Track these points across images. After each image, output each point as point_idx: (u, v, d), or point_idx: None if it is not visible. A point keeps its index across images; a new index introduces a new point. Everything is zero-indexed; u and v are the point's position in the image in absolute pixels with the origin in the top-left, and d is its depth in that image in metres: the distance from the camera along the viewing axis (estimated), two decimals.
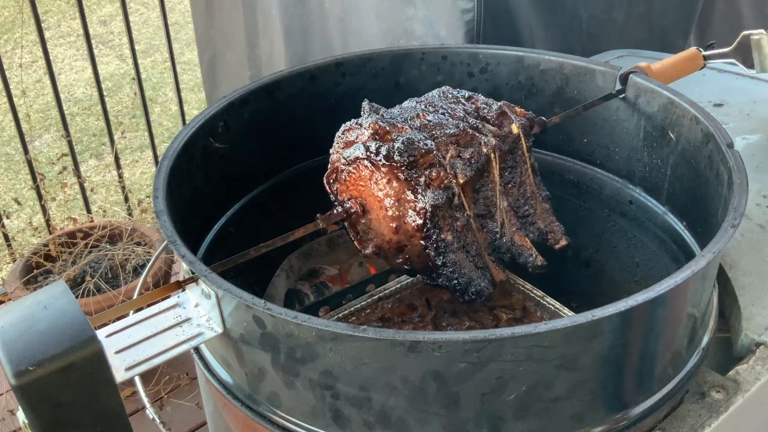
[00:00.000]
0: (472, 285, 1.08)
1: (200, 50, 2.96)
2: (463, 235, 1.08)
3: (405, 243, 1.05)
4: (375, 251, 1.08)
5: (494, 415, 0.86)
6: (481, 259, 1.11)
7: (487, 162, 1.11)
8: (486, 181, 1.12)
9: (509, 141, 1.13)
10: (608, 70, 1.30)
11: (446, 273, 1.06)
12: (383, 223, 1.06)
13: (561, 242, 1.19)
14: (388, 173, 1.03)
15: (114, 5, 5.87)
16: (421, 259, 1.06)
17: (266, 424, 0.95)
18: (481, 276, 1.10)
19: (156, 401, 2.22)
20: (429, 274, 1.07)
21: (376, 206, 1.06)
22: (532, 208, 1.17)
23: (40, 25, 2.59)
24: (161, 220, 0.97)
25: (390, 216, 1.04)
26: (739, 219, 0.93)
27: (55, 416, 0.79)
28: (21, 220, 3.59)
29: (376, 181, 1.04)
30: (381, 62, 1.40)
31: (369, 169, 1.04)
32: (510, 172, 1.15)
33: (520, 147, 1.14)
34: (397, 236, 1.05)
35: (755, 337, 1.14)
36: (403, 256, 1.07)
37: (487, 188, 1.12)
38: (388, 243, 1.06)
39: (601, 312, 0.81)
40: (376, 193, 1.05)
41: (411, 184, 1.02)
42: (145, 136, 3.79)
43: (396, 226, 1.04)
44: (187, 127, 1.18)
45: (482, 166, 1.10)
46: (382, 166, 1.03)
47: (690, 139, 1.17)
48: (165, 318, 0.91)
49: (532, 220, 1.18)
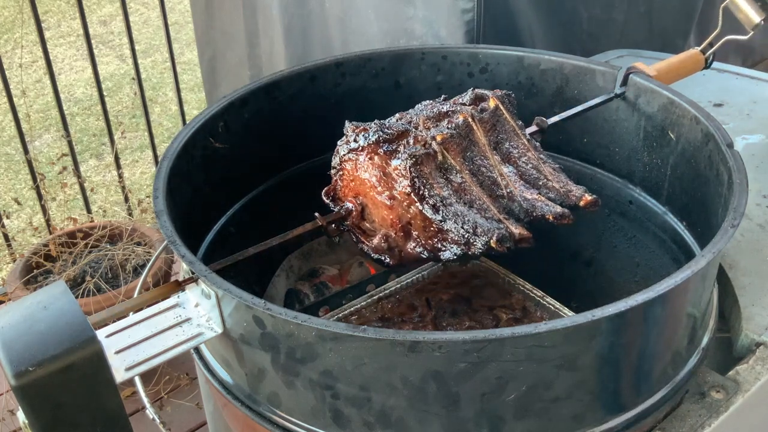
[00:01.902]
0: (483, 231, 1.03)
1: (200, 50, 2.96)
2: (462, 193, 1.07)
3: (405, 217, 1.04)
4: (384, 244, 1.07)
5: (494, 415, 0.86)
6: (490, 213, 1.08)
7: (468, 128, 1.10)
8: (474, 147, 1.11)
9: (488, 111, 1.13)
10: (608, 70, 1.30)
11: (452, 228, 1.02)
12: (379, 205, 1.05)
13: (585, 198, 1.13)
14: (368, 153, 1.05)
15: (114, 5, 5.86)
16: (427, 230, 1.04)
17: (266, 424, 0.95)
18: (498, 226, 1.06)
19: (156, 401, 2.21)
20: (441, 244, 1.04)
21: (369, 193, 1.06)
22: (541, 173, 1.14)
23: (40, 25, 2.59)
24: (161, 220, 0.97)
25: (381, 192, 1.05)
26: (739, 219, 0.93)
27: (55, 416, 0.79)
28: (21, 220, 3.58)
29: (361, 166, 1.06)
30: (381, 62, 1.40)
31: (353, 161, 1.07)
32: (505, 143, 1.14)
33: (504, 118, 1.14)
34: (395, 212, 1.04)
35: (755, 337, 1.14)
36: (412, 238, 1.05)
37: (477, 154, 1.11)
38: (392, 226, 1.05)
39: (601, 312, 0.81)
40: (363, 176, 1.06)
41: (390, 153, 1.04)
42: (145, 136, 3.79)
43: (390, 201, 1.04)
44: (187, 127, 1.18)
45: (464, 132, 1.09)
46: (361, 150, 1.05)
47: (690, 139, 1.17)
48: (165, 318, 0.91)
49: (544, 183, 1.14)
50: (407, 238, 1.06)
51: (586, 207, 1.13)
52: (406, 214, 1.04)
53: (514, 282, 1.29)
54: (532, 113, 1.18)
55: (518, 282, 1.28)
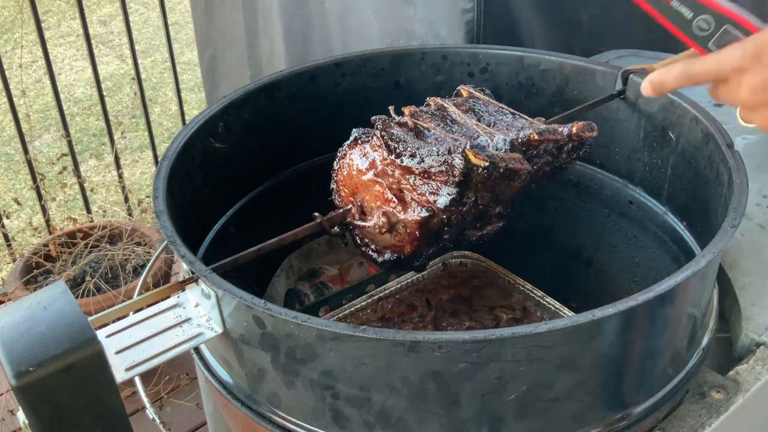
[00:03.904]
0: (456, 146, 1.01)
1: (200, 50, 2.95)
2: (437, 142, 1.07)
3: (394, 183, 1.05)
4: (384, 218, 1.06)
5: (494, 415, 0.86)
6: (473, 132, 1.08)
7: (438, 107, 1.13)
8: (447, 115, 1.12)
9: (463, 98, 1.16)
10: (608, 70, 1.30)
11: (433, 163, 1.01)
12: (369, 185, 1.07)
13: (576, 124, 1.10)
14: (351, 148, 1.09)
15: (114, 5, 5.86)
16: (415, 184, 1.03)
17: (266, 424, 0.95)
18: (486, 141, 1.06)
19: (156, 401, 2.22)
20: (433, 190, 1.03)
21: (359, 181, 1.08)
22: (524, 121, 1.13)
23: (40, 25, 2.59)
24: (161, 220, 0.97)
25: (367, 172, 1.07)
26: (739, 219, 0.93)
27: (55, 417, 0.79)
28: (21, 220, 3.59)
29: (346, 165, 1.09)
30: (381, 62, 1.40)
31: (342, 165, 1.11)
32: (481, 109, 1.15)
33: (479, 98, 1.16)
34: (384, 183, 1.06)
35: (755, 337, 1.14)
36: (407, 204, 1.05)
37: (450, 115, 1.12)
38: (387, 201, 1.06)
39: (601, 312, 0.81)
40: (353, 171, 1.08)
41: (366, 141, 1.08)
42: (145, 136, 3.79)
43: (377, 177, 1.06)
44: (187, 127, 1.18)
45: (435, 110, 1.12)
46: (344, 154, 1.10)
47: (690, 139, 1.17)
48: (165, 318, 0.91)
49: (528, 125, 1.12)
50: (403, 205, 1.05)
51: (581, 134, 1.10)
52: (394, 179, 1.05)
53: (514, 282, 1.29)
54: (532, 113, 1.18)
55: (518, 282, 1.28)
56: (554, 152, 1.11)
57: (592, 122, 1.11)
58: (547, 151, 1.10)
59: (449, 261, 1.36)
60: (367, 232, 1.10)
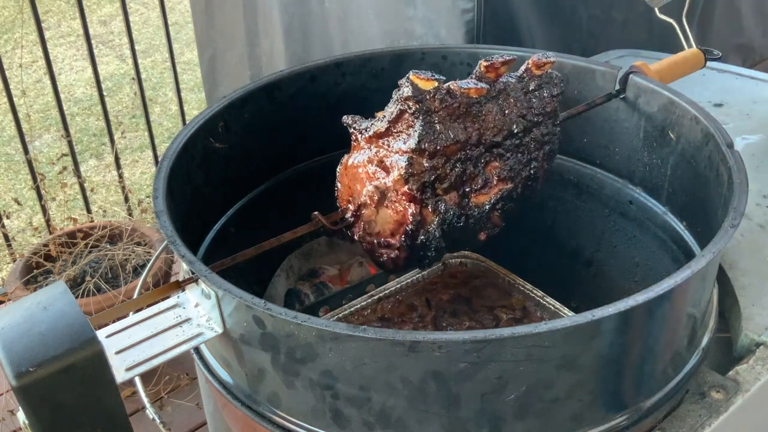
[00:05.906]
0: None
1: (200, 50, 2.96)
2: None
3: (374, 160, 1.05)
4: (375, 190, 1.07)
5: (494, 415, 0.86)
6: None
7: None
8: None
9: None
10: (608, 70, 1.30)
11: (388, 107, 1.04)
12: (359, 177, 1.07)
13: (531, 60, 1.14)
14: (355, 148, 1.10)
15: (114, 5, 5.86)
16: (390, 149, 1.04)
17: (266, 424, 0.95)
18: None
19: (156, 401, 2.21)
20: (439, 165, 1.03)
21: (355, 179, 1.08)
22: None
23: (40, 25, 2.59)
24: (161, 220, 0.97)
25: (355, 167, 1.07)
26: (739, 219, 0.93)
27: (55, 417, 0.79)
28: (21, 220, 3.58)
29: (343, 164, 1.10)
30: (381, 62, 1.40)
31: (340, 166, 1.12)
32: None
33: None
34: (367, 166, 1.06)
35: (755, 337, 1.14)
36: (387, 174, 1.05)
37: None
38: (373, 177, 1.06)
39: (601, 312, 0.81)
40: (351, 170, 1.08)
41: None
42: (145, 136, 3.79)
43: (361, 164, 1.07)
44: (187, 127, 1.18)
45: None
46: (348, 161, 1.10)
47: (690, 139, 1.17)
48: (165, 318, 0.91)
49: None
50: (387, 170, 1.04)
51: (537, 62, 1.13)
52: (374, 155, 1.06)
53: (514, 282, 1.29)
54: None
55: (518, 282, 1.28)
56: (522, 96, 1.12)
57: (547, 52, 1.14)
58: (514, 89, 1.12)
59: (449, 261, 1.36)
60: (366, 220, 1.09)
